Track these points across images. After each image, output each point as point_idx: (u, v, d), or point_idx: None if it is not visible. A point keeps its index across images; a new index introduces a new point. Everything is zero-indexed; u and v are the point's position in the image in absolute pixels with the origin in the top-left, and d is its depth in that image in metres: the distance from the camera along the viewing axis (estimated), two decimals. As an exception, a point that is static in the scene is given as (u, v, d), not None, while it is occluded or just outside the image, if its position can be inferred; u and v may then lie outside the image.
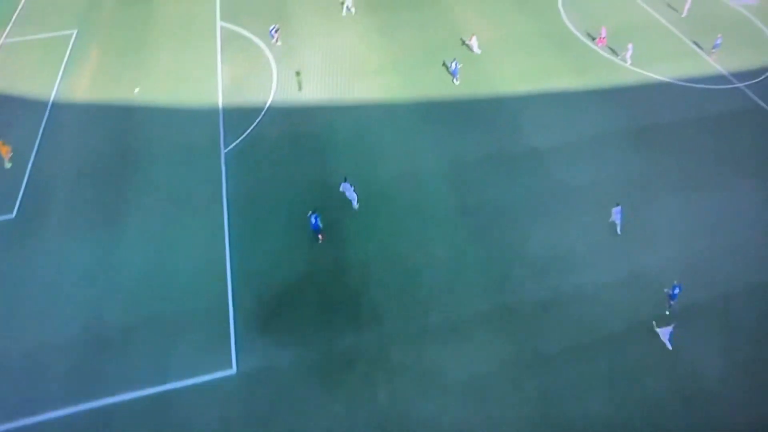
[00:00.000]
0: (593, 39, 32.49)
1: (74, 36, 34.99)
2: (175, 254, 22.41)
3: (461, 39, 32.82)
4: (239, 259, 22.14)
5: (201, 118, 28.61)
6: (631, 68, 30.43)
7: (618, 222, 21.95)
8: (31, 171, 26.39)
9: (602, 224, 22.74)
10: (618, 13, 34.66)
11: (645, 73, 30.14)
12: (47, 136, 28.27)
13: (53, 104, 30.31)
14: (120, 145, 27.44)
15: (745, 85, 28.99)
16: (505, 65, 30.85)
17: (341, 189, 23.00)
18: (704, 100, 28.25)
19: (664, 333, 18.45)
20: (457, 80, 29.79)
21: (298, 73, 30.47)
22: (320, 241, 22.21)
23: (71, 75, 32.12)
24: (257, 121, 28.41)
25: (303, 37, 33.70)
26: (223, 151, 26.81)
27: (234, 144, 27.17)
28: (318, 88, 30.15)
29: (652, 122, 27.15)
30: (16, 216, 24.30)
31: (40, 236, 23.42)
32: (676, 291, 19.01)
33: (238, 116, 28.65)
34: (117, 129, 28.34)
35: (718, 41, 30.11)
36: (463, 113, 28.05)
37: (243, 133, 27.72)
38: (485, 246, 21.93)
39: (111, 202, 24.72)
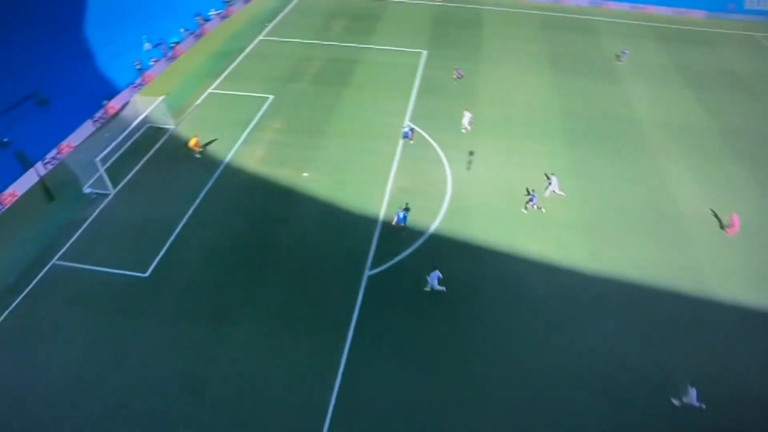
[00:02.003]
0: None
1: (269, 102, 36.78)
2: (272, 377, 20.25)
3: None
4: (348, 400, 19.27)
5: (358, 225, 27.02)
6: None
7: None
8: (179, 232, 26.64)
9: None
10: None
11: None
12: (207, 196, 28.90)
13: (225, 166, 31.28)
14: (263, 232, 26.67)
15: None
16: None
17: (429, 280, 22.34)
18: None
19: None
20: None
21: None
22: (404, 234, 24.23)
23: (250, 142, 33.21)
24: (413, 247, 25.96)
25: (486, 165, 31.38)
26: (367, 273, 24.59)
27: (381, 268, 24.84)
28: (489, 225, 27.12)
29: None
30: (149, 276, 24.29)
31: (155, 309, 22.94)
32: None
33: (397, 234, 26.54)
34: (268, 212, 27.88)
35: None
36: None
37: (391, 259, 25.36)
38: None
39: (228, 294, 23.66)
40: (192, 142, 31.52)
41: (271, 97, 37.42)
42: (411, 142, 31.97)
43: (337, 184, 29.55)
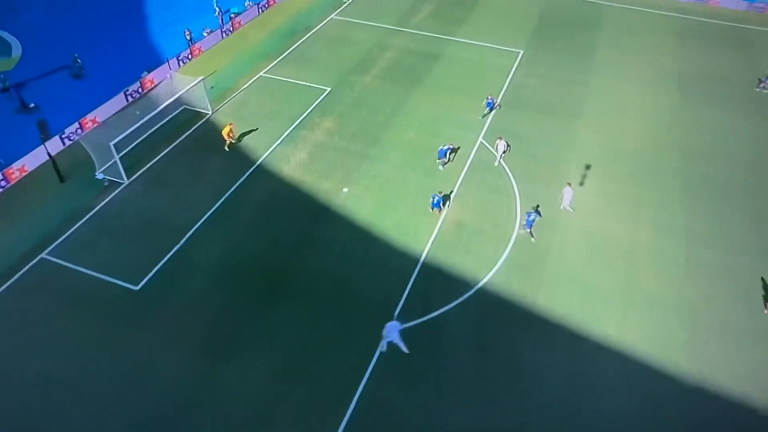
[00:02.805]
0: None
1: (325, 95, 35.55)
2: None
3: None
4: None
5: (394, 263, 24.76)
6: None
7: None
8: (188, 240, 25.60)
9: None
10: None
11: None
12: (229, 201, 27.94)
13: (258, 167, 30.21)
14: (285, 253, 25.07)
15: None
16: None
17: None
18: None
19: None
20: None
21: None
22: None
23: (293, 141, 31.92)
24: (454, 302, 23.17)
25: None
26: None
27: (409, 324, 22.29)
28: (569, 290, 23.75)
29: None
30: (140, 290, 23.45)
31: (139, 332, 21.84)
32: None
33: (438, 280, 23.94)
34: (295, 230, 26.37)
35: None
36: None
37: (424, 315, 22.72)
38: None
39: (229, 324, 22.25)
40: (225, 130, 30.71)
41: (329, 89, 36.18)
42: (441, 168, 29.34)
43: (380, 206, 27.56)
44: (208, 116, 33.87)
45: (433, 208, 26.84)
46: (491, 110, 33.26)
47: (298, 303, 23.06)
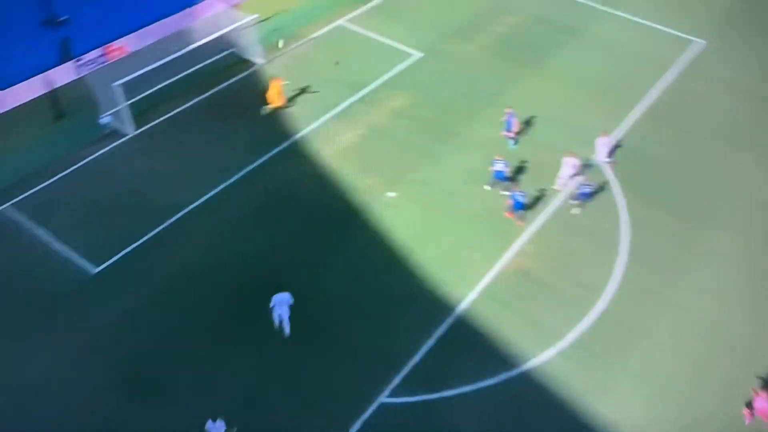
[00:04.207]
0: None
1: (407, 63, 33.85)
2: None
3: None
4: None
5: (418, 309, 22.59)
6: None
7: None
8: (173, 224, 24.89)
9: None
10: None
11: None
12: (242, 182, 27.16)
13: (293, 143, 29.12)
14: (287, 266, 23.73)
15: None
16: None
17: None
18: None
19: None
20: None
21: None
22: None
23: (347, 117, 30.40)
24: (484, 382, 20.31)
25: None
26: (381, 398, 19.91)
27: (405, 399, 19.80)
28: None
29: None
30: (95, 275, 23.45)
31: (75, 331, 21.60)
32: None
33: (469, 346, 21.47)
34: (311, 236, 25.02)
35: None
36: None
37: (434, 391, 20.04)
38: None
39: (173, 351, 21.24)
40: (273, 90, 29.88)
41: (418, 55, 34.37)
42: (505, 192, 26.02)
43: (427, 226, 25.44)
44: (255, 67, 33.23)
45: (512, 211, 24.85)
46: (510, 136, 28.53)
47: (279, 338, 21.47)
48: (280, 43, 31.35)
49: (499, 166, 25.90)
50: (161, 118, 29.94)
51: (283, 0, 38.10)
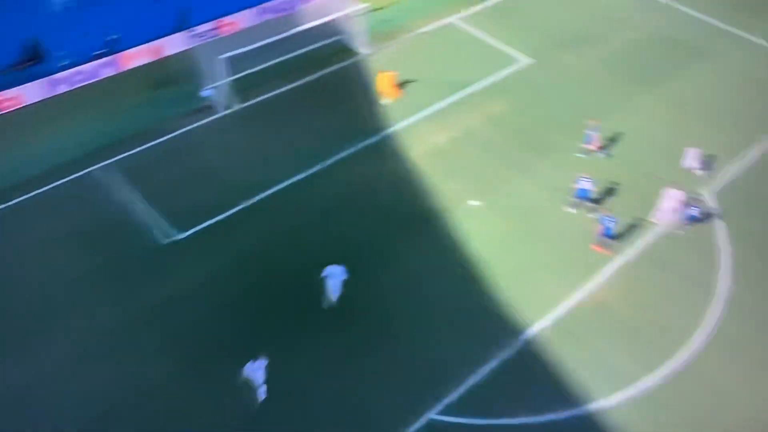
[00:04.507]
0: None
1: (517, 67, 32.54)
2: None
3: None
4: None
5: (480, 327, 21.41)
6: None
7: None
8: (233, 213, 24.81)
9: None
10: None
11: None
12: (322, 174, 26.70)
13: (382, 139, 28.48)
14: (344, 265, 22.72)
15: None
16: None
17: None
18: None
19: None
20: None
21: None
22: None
23: (440, 118, 29.47)
24: (540, 418, 18.87)
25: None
26: (431, 413, 18.98)
27: (458, 420, 18.71)
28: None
29: None
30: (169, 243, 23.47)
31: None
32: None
33: (531, 379, 20.07)
34: (376, 239, 24.28)
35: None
36: None
37: (482, 416, 18.80)
38: None
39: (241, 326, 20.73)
40: (385, 81, 29.87)
41: (525, 61, 33.04)
42: (593, 215, 24.33)
43: (507, 243, 24.24)
44: (359, 57, 32.88)
45: (603, 238, 23.12)
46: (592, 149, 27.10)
47: (328, 335, 20.99)
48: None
49: (585, 185, 24.30)
50: (260, 98, 30.10)
51: None
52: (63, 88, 28.25)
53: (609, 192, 25.49)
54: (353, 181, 26.27)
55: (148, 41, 30.08)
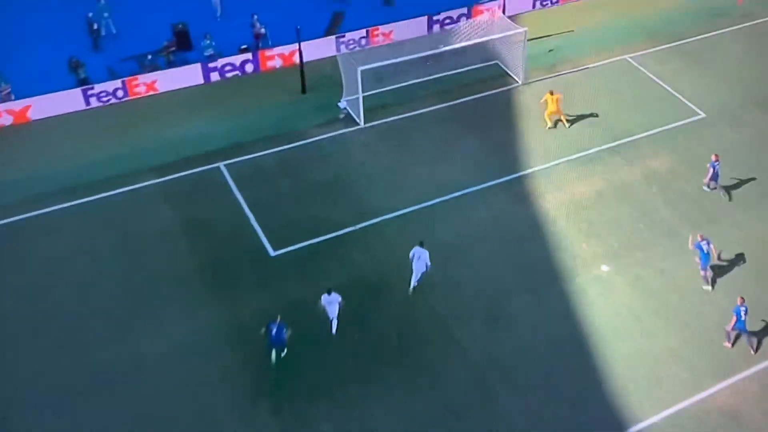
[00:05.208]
0: None
1: (684, 121, 31.32)
2: None
3: None
4: None
5: (578, 421, 20.82)
6: None
7: None
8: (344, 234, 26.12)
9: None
10: None
11: None
12: (437, 206, 27.16)
13: (517, 179, 28.58)
14: (429, 316, 22.92)
15: None
16: None
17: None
18: None
19: None
20: None
21: None
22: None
23: (594, 162, 29.01)
24: None
25: None
26: None
27: None
28: None
29: None
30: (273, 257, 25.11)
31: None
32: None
33: None
34: (483, 291, 24.10)
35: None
36: None
37: None
38: None
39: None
40: (553, 103, 29.96)
41: (701, 116, 31.72)
42: (708, 288, 23.49)
43: (633, 319, 23.27)
44: (513, 85, 33.12)
45: (734, 331, 21.90)
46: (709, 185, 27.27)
47: (414, 381, 21.31)
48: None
49: (705, 247, 23.64)
50: (398, 116, 30.94)
51: (573, 19, 37.92)
52: (212, 78, 31.71)
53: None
54: (480, 217, 26.44)
55: (296, 42, 32.12)
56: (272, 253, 24.97)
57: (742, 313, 21.58)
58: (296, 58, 32.36)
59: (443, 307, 23.30)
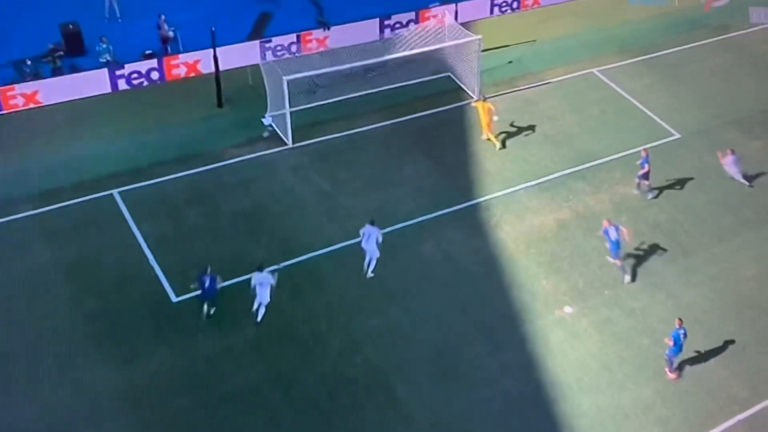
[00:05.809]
0: None
1: (660, 141, 31.49)
2: None
3: None
4: None
5: None
6: None
7: None
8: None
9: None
10: None
11: None
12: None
13: (478, 203, 28.14)
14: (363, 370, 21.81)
15: None
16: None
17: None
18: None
19: None
20: None
21: None
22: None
23: (560, 190, 28.81)
24: None
25: None
26: None
27: None
28: None
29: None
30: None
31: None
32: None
33: None
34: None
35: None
36: None
37: None
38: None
39: None
40: (484, 113, 29.94)
41: (675, 136, 32.10)
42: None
43: (600, 367, 22.89)
44: (466, 101, 33.04)
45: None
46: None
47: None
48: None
49: (613, 234, 24.67)
50: (333, 135, 30.56)
51: (538, 29, 38.38)
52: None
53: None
54: (428, 254, 26.00)
55: (212, 47, 31.03)
56: (174, 299, 23.78)
57: (681, 337, 21.78)
58: (201, 67, 31.84)
59: (383, 361, 22.77)
